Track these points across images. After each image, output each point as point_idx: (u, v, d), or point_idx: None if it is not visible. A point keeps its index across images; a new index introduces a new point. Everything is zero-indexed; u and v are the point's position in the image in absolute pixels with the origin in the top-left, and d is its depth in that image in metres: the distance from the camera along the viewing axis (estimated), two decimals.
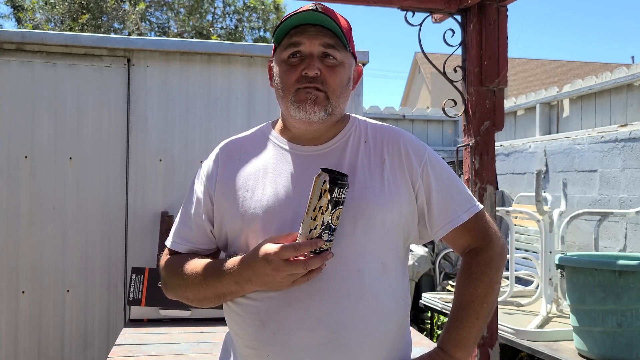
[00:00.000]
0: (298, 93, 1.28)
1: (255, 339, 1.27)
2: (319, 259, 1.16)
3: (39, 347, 3.77)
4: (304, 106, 1.27)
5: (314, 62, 1.26)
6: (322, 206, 1.16)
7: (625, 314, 3.13)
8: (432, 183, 1.34)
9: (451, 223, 1.35)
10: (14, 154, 3.77)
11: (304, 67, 1.27)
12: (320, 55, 1.28)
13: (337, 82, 1.29)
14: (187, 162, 3.97)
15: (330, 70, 1.28)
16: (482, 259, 1.36)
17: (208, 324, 3.26)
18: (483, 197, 2.62)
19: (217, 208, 1.34)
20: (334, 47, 1.28)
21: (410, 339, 1.42)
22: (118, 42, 3.98)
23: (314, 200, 1.16)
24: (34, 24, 13.91)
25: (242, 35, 15.61)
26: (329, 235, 1.17)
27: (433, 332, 5.43)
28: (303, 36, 1.27)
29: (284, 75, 1.30)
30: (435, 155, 1.39)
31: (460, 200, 1.36)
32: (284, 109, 1.32)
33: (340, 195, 1.17)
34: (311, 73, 1.26)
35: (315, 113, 1.27)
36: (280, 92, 1.32)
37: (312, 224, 1.16)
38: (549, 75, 21.64)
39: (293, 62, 1.28)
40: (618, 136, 5.18)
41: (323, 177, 1.16)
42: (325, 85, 1.27)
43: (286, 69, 1.29)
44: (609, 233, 5.19)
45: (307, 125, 1.31)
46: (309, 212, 1.16)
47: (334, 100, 1.29)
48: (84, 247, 3.84)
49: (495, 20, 2.61)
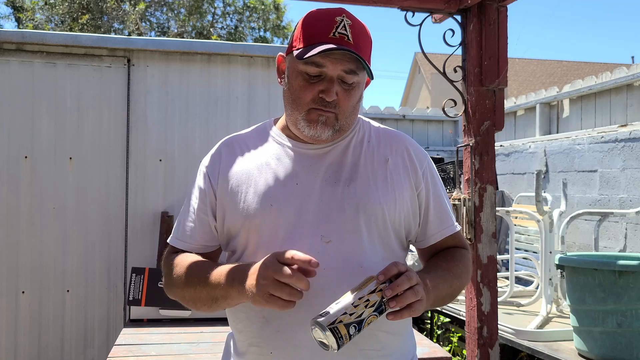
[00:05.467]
0: (310, 113, 1.27)
1: (258, 336, 1.27)
2: (304, 282, 1.13)
3: (39, 347, 3.77)
4: (314, 126, 1.27)
5: (333, 87, 1.25)
6: (369, 300, 1.11)
7: (625, 314, 3.13)
8: (430, 189, 1.38)
9: (447, 229, 1.40)
10: (14, 154, 3.77)
11: (322, 88, 1.25)
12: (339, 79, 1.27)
13: (349, 104, 1.29)
14: (187, 162, 3.97)
15: (346, 93, 1.28)
16: (464, 254, 1.43)
17: (208, 324, 3.25)
18: (483, 197, 2.62)
19: (219, 203, 1.34)
20: (355, 72, 1.27)
21: (412, 334, 1.44)
22: (118, 42, 3.98)
23: (364, 292, 1.12)
24: (34, 24, 13.92)
25: (243, 35, 15.61)
26: (355, 330, 1.11)
27: (433, 332, 5.43)
28: (327, 60, 1.24)
29: (299, 89, 1.28)
30: (433, 164, 1.44)
31: (450, 212, 1.43)
32: (292, 119, 1.32)
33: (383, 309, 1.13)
34: (329, 99, 1.25)
35: (325, 132, 1.28)
36: (291, 102, 1.30)
37: (352, 309, 1.11)
38: (549, 76, 21.64)
39: (312, 80, 1.27)
40: (618, 136, 5.18)
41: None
42: (337, 107, 1.28)
43: (302, 84, 1.27)
44: (609, 233, 5.19)
45: (313, 140, 1.32)
46: (355, 298, 1.12)
47: (342, 120, 1.30)
48: (84, 247, 3.84)
49: (495, 20, 2.61)
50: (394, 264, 1.14)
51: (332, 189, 1.29)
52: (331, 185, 1.30)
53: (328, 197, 1.28)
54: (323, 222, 1.27)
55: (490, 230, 2.62)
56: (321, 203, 1.28)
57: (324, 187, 1.29)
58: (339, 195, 1.29)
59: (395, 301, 1.11)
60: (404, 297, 1.12)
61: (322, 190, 1.29)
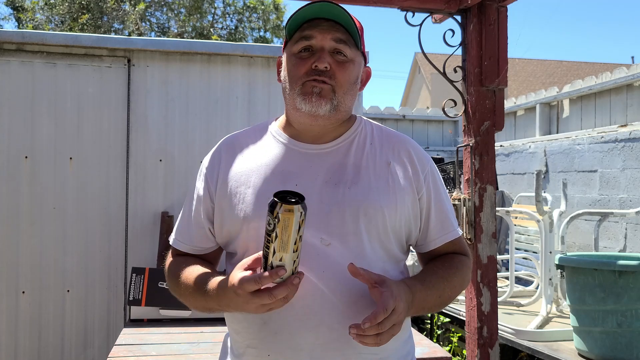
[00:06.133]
0: (305, 85, 1.27)
1: (256, 338, 1.27)
2: (284, 288, 1.10)
3: (39, 347, 3.77)
4: (309, 99, 1.26)
5: (324, 55, 1.26)
6: (302, 235, 1.09)
7: (625, 314, 3.13)
8: (432, 193, 1.36)
9: (448, 235, 1.38)
10: (14, 154, 3.77)
11: (314, 60, 1.26)
12: (331, 51, 1.28)
13: (345, 78, 1.28)
14: (187, 162, 3.97)
15: (340, 65, 1.28)
16: (464, 261, 1.40)
17: (208, 324, 3.25)
18: (483, 197, 2.62)
19: (217, 206, 1.33)
20: (345, 42, 1.28)
21: (412, 336, 1.43)
22: (118, 42, 3.97)
23: (294, 235, 1.08)
24: (34, 25, 13.92)
25: (243, 35, 15.61)
26: (298, 261, 1.11)
27: (433, 332, 5.43)
28: (315, 30, 1.26)
29: (292, 68, 1.29)
30: (435, 167, 1.42)
31: (452, 217, 1.41)
32: (290, 102, 1.31)
33: (304, 217, 1.10)
34: (321, 66, 1.25)
35: (322, 106, 1.26)
36: (287, 85, 1.31)
37: (294, 256, 1.09)
38: (549, 76, 21.64)
39: (303, 55, 1.28)
40: (618, 136, 5.18)
41: (298, 209, 1.08)
42: (333, 79, 1.27)
43: (295, 62, 1.28)
44: (609, 233, 5.19)
45: (312, 119, 1.29)
46: (287, 247, 1.08)
47: (340, 95, 1.28)
48: (84, 247, 3.84)
49: (495, 21, 2.61)
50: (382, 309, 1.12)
51: (333, 190, 1.28)
52: (332, 186, 1.28)
53: (328, 198, 1.27)
54: (323, 225, 1.25)
55: (490, 230, 2.62)
56: (321, 205, 1.26)
57: (325, 188, 1.28)
58: (340, 197, 1.27)
59: (356, 329, 1.11)
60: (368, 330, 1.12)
61: (323, 191, 1.27)
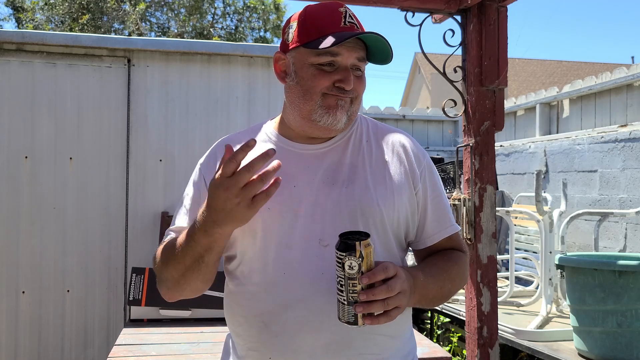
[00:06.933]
0: (327, 98, 1.26)
1: (257, 341, 1.26)
2: (267, 174, 1.07)
3: (39, 347, 3.77)
4: (333, 112, 1.26)
5: (350, 76, 1.25)
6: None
7: (625, 314, 3.13)
8: (428, 189, 1.35)
9: (446, 231, 1.37)
10: (14, 154, 3.77)
11: (338, 78, 1.25)
12: (350, 67, 1.27)
13: (361, 91, 1.31)
14: (187, 162, 3.97)
15: (358, 80, 1.29)
16: (462, 257, 1.40)
17: (208, 324, 3.25)
18: (483, 197, 2.62)
19: None
20: (365, 59, 1.29)
21: (413, 335, 1.42)
22: (118, 42, 3.97)
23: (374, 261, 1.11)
24: (34, 25, 13.92)
25: (243, 35, 15.62)
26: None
27: (433, 332, 5.43)
28: (343, 48, 1.24)
29: (312, 78, 1.26)
30: (432, 163, 1.41)
31: (449, 212, 1.40)
32: (304, 111, 1.28)
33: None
34: (348, 88, 1.25)
35: (342, 119, 1.27)
36: (302, 94, 1.28)
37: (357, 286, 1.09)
38: (549, 76, 21.65)
39: (326, 69, 1.26)
40: (618, 136, 5.18)
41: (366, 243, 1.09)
42: (353, 93, 1.28)
43: (316, 73, 1.26)
44: (609, 233, 5.19)
45: (326, 132, 1.30)
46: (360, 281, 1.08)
47: (355, 106, 1.30)
48: (84, 247, 3.84)
49: (495, 21, 2.61)
50: (382, 268, 1.10)
51: (330, 190, 1.27)
52: (329, 186, 1.28)
53: (326, 199, 1.26)
54: (321, 225, 1.25)
55: (490, 230, 2.62)
56: (319, 205, 1.26)
57: (322, 188, 1.27)
58: (337, 197, 1.26)
59: (366, 294, 1.07)
60: (377, 290, 1.08)
61: (320, 191, 1.27)
